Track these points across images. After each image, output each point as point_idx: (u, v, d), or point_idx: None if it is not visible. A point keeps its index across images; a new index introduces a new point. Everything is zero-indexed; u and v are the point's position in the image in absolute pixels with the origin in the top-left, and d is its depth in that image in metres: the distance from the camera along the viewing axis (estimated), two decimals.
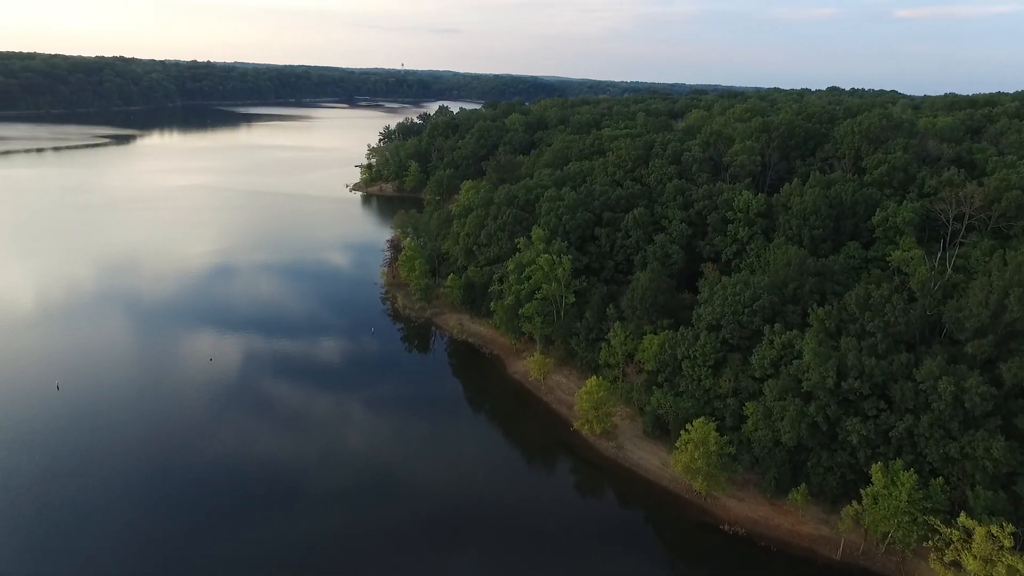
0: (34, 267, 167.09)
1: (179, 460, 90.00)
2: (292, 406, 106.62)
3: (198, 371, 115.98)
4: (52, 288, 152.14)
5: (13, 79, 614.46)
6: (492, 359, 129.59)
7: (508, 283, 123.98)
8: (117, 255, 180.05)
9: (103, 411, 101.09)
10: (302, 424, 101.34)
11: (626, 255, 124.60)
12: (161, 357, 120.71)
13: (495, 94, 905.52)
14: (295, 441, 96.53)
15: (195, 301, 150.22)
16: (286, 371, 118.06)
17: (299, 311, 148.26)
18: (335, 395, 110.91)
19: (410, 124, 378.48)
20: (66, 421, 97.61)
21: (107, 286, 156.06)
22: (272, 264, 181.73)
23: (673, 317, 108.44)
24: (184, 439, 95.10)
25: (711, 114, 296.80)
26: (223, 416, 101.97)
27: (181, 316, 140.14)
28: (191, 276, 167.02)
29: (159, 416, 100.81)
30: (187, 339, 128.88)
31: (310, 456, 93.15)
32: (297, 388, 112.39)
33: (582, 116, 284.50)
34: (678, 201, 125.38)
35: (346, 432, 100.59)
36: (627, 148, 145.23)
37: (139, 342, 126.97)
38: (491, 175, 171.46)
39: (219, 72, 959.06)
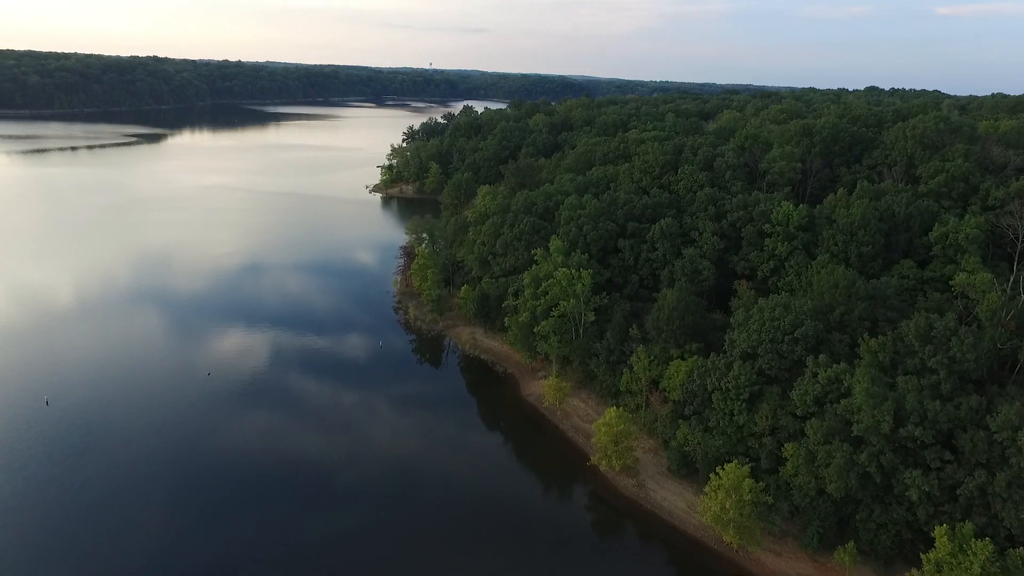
0: (61, 265, 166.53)
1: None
2: (284, 430, 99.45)
3: (195, 382, 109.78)
4: (82, 285, 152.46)
5: (49, 78, 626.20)
6: (505, 379, 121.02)
7: (523, 298, 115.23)
8: (132, 257, 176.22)
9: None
10: (301, 442, 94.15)
11: (651, 270, 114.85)
12: (161, 363, 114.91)
13: (522, 93, 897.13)
14: (292, 465, 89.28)
15: (195, 307, 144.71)
16: (281, 390, 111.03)
17: (304, 321, 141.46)
18: (328, 417, 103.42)
19: (433, 124, 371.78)
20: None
21: (116, 288, 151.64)
22: (281, 269, 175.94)
23: (703, 341, 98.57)
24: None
25: (744, 115, 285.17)
26: (209, 424, 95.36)
27: (177, 323, 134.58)
28: (194, 280, 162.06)
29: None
30: (181, 350, 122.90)
31: (303, 487, 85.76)
32: (289, 409, 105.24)
33: (608, 117, 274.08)
34: (709, 211, 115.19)
35: (339, 455, 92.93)
36: (654, 153, 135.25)
37: (144, 346, 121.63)
38: (509, 180, 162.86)
39: (248, 71, 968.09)
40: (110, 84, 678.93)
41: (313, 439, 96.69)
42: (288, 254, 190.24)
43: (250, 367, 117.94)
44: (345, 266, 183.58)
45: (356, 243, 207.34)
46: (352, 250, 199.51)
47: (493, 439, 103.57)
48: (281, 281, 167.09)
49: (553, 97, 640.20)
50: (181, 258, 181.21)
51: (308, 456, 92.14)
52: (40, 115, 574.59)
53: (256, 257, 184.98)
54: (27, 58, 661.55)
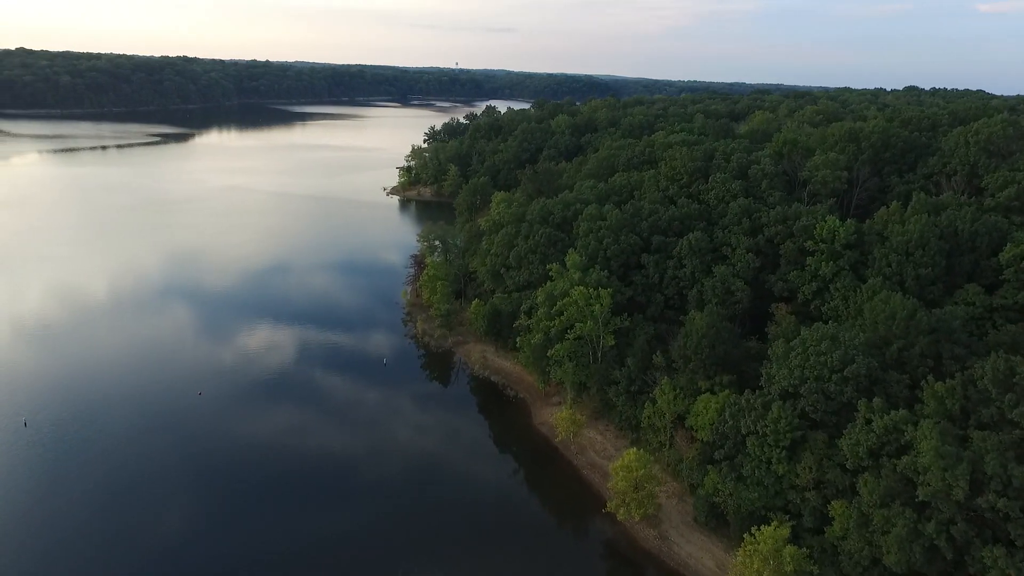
0: (79, 266, 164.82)
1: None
2: (272, 458, 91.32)
3: (189, 401, 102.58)
4: (96, 285, 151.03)
5: (80, 78, 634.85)
6: (516, 404, 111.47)
7: (536, 317, 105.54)
8: (139, 259, 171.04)
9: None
10: (284, 468, 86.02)
11: (678, 288, 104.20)
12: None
13: (548, 93, 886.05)
14: (281, 501, 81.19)
15: (188, 314, 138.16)
16: (270, 413, 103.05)
17: (308, 331, 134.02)
18: (317, 439, 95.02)
19: (455, 124, 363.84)
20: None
21: (121, 292, 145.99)
22: (287, 275, 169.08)
23: (735, 372, 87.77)
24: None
25: (777, 116, 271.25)
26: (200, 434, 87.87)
27: (183, 325, 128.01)
28: (197, 285, 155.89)
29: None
30: (174, 364, 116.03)
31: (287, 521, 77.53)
32: (278, 427, 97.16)
33: (634, 118, 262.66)
34: (744, 225, 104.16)
35: (324, 495, 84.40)
36: (683, 159, 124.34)
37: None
38: (526, 186, 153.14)
39: (275, 71, 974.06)
40: (139, 84, 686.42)
41: (297, 465, 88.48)
42: (296, 259, 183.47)
43: (243, 380, 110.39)
44: (354, 274, 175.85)
45: (368, 249, 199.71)
46: (363, 257, 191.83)
47: (499, 473, 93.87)
48: (286, 288, 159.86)
49: (579, 97, 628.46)
50: (189, 262, 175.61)
51: (292, 482, 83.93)
52: (71, 114, 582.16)
53: (263, 262, 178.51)
54: (60, 59, 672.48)
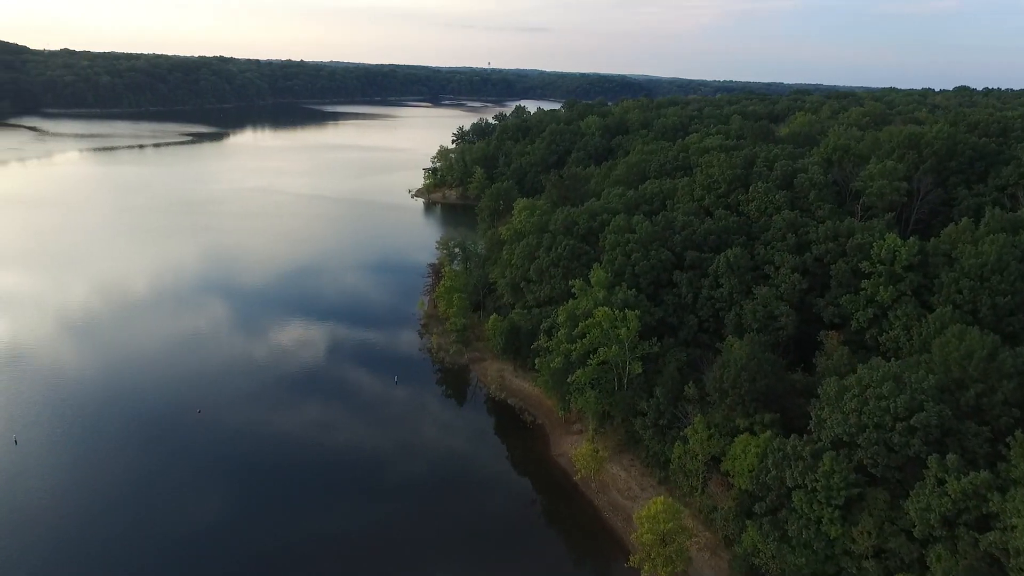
0: (114, 264, 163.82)
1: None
2: (264, 484, 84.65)
3: (188, 419, 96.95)
4: (107, 286, 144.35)
5: (119, 78, 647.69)
6: (534, 431, 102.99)
7: (556, 339, 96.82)
8: (150, 263, 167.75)
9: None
10: (283, 489, 79.31)
11: (714, 310, 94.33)
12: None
13: (579, 93, 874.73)
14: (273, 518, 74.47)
15: (191, 322, 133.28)
16: (266, 434, 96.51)
17: (313, 345, 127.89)
18: (311, 475, 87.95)
19: (484, 125, 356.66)
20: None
21: (133, 294, 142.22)
22: (299, 283, 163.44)
23: (778, 409, 77.84)
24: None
25: (819, 118, 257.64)
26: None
27: (188, 334, 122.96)
28: (205, 289, 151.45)
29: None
30: (169, 380, 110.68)
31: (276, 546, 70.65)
32: (267, 453, 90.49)
33: (668, 119, 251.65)
34: (789, 241, 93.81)
35: (313, 537, 77.28)
36: (720, 165, 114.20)
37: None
38: (551, 192, 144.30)
39: (309, 71, 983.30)
40: (175, 83, 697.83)
41: (298, 490, 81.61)
42: (311, 264, 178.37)
43: (240, 393, 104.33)
44: (370, 281, 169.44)
45: (387, 255, 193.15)
46: (381, 263, 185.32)
47: (511, 509, 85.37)
48: (296, 296, 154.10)
49: (611, 97, 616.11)
50: (206, 265, 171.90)
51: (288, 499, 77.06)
52: (109, 113, 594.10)
53: (276, 267, 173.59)
54: (100, 59, 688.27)
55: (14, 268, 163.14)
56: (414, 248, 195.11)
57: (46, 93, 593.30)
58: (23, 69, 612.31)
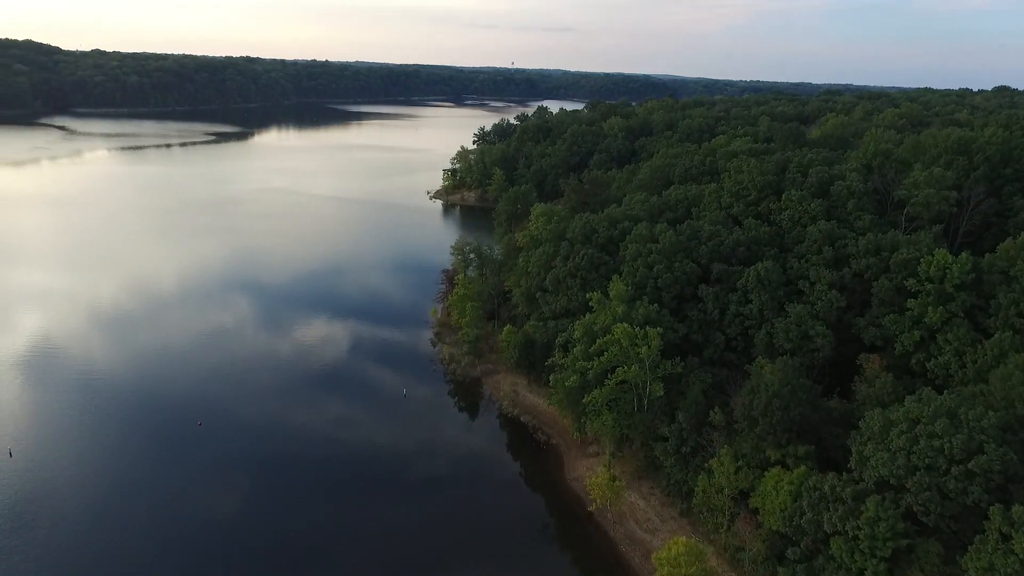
0: (134, 264, 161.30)
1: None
2: (256, 508, 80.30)
3: (188, 433, 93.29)
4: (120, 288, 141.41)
5: (147, 78, 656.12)
6: (547, 451, 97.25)
7: (572, 355, 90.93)
8: (160, 266, 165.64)
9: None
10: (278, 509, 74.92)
11: (743, 328, 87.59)
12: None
13: (603, 93, 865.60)
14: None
15: (212, 319, 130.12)
16: (262, 452, 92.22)
17: (323, 350, 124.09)
18: (316, 488, 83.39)
19: (505, 125, 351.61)
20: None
21: (129, 301, 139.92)
22: (308, 288, 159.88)
23: (814, 440, 71.17)
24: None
25: (852, 119, 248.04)
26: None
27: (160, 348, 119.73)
28: (218, 289, 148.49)
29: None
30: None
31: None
32: (264, 481, 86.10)
33: (693, 120, 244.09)
34: (825, 254, 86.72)
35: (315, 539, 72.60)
36: (750, 171, 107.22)
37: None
38: (570, 197, 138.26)
39: (333, 71, 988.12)
40: (202, 83, 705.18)
41: (288, 515, 77.11)
42: (321, 268, 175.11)
43: (241, 411, 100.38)
44: (383, 287, 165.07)
45: (402, 259, 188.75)
46: (395, 268, 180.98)
47: (519, 538, 79.70)
48: (305, 302, 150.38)
49: (635, 97, 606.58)
50: (221, 266, 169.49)
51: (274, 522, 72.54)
52: (136, 113, 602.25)
53: (292, 270, 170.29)
54: (129, 59, 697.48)
55: (38, 266, 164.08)
56: (429, 251, 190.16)
57: (76, 93, 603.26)
58: (55, 69, 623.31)
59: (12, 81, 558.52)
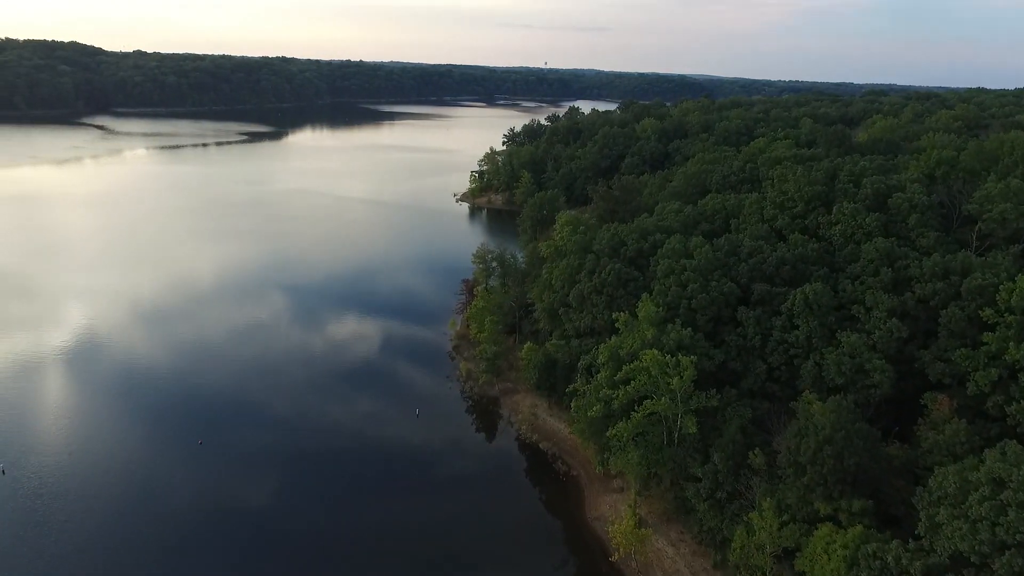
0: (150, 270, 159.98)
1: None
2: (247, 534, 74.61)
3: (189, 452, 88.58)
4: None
5: (184, 79, 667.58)
6: (567, 484, 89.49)
7: (596, 382, 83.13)
8: (172, 270, 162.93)
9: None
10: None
11: (788, 357, 78.55)
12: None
13: (637, 93, 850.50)
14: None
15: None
16: (257, 474, 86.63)
17: (335, 361, 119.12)
18: (311, 512, 77.32)
19: (535, 126, 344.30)
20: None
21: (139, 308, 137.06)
22: (328, 292, 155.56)
23: (871, 492, 62.07)
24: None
25: (901, 122, 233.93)
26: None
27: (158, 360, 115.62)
28: (228, 301, 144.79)
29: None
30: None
31: None
32: (259, 506, 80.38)
33: (731, 122, 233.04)
34: (883, 276, 77.13)
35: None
36: (796, 180, 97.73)
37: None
38: (598, 205, 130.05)
39: (367, 71, 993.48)
40: (237, 83, 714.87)
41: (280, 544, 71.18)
42: (339, 273, 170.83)
43: (237, 439, 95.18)
44: (402, 295, 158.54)
45: (424, 265, 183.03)
46: (416, 274, 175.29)
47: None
48: (317, 309, 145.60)
49: (670, 98, 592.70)
50: (235, 271, 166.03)
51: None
52: (173, 112, 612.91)
53: (304, 279, 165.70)
54: (168, 60, 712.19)
55: (77, 263, 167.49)
56: (453, 256, 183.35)
57: (117, 93, 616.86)
58: (98, 70, 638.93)
59: (57, 82, 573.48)
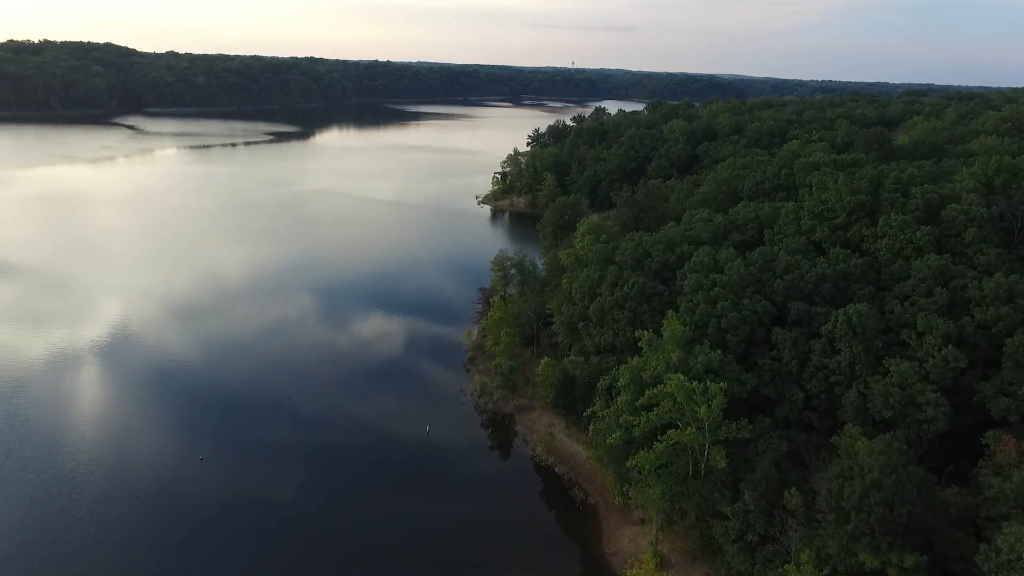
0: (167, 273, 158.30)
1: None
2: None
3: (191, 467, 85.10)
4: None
5: (214, 79, 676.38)
6: (584, 513, 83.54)
7: (616, 406, 77.09)
8: (183, 273, 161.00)
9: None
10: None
11: (828, 385, 71.56)
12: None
13: (666, 94, 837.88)
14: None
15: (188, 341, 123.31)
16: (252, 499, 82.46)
17: (344, 371, 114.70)
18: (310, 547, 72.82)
19: (560, 126, 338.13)
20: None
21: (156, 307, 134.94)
22: (341, 298, 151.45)
23: (926, 545, 55.11)
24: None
25: (944, 124, 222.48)
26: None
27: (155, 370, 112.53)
28: (235, 299, 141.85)
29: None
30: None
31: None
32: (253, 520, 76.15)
33: (763, 124, 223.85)
34: (937, 298, 69.70)
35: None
36: (837, 188, 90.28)
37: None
38: (622, 211, 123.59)
39: (394, 71, 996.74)
40: (266, 84, 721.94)
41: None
42: (354, 276, 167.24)
43: (239, 455, 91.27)
44: (417, 301, 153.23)
45: (441, 269, 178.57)
46: (432, 279, 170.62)
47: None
48: (336, 315, 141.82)
49: (699, 98, 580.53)
50: (252, 272, 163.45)
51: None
52: (203, 112, 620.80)
53: (323, 279, 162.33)
54: (199, 60, 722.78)
55: (106, 262, 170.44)
56: (472, 260, 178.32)
57: (148, 93, 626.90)
58: (131, 71, 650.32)
59: (90, 82, 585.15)
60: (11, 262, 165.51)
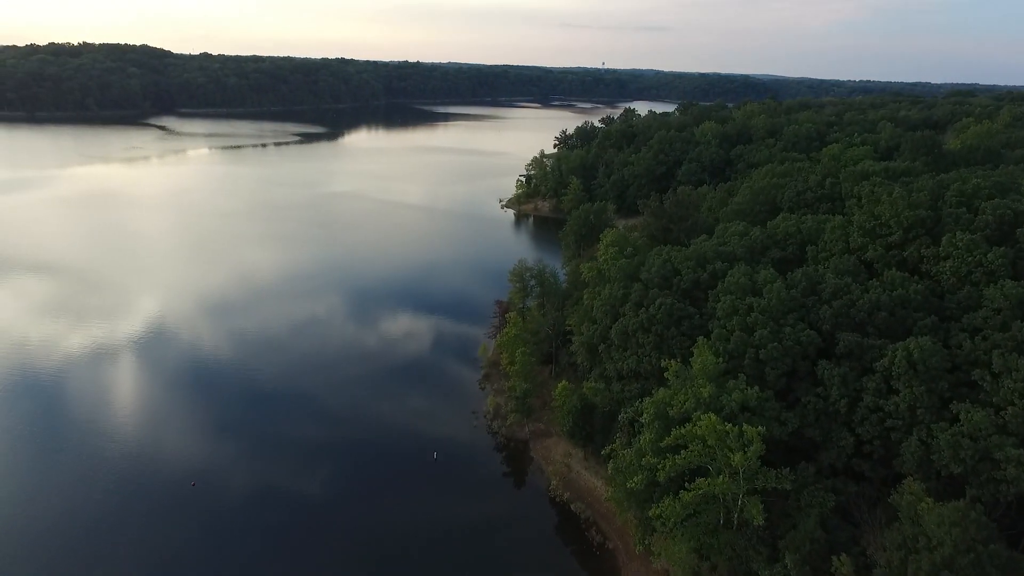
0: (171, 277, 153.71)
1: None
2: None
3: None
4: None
5: (245, 80, 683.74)
6: (601, 558, 75.59)
7: (639, 444, 69.07)
8: (197, 277, 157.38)
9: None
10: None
11: (883, 430, 62.41)
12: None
13: (698, 95, 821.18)
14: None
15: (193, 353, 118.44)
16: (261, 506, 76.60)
17: (347, 391, 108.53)
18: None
19: (589, 128, 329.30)
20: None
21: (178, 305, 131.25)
22: (346, 306, 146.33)
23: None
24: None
25: (997, 126, 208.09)
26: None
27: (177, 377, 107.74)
28: (249, 307, 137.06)
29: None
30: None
31: None
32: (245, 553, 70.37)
33: (800, 126, 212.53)
34: (1016, 333, 60.09)
35: None
36: (892, 202, 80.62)
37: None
38: (649, 222, 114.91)
39: (423, 72, 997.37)
40: (296, 84, 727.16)
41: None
42: (368, 282, 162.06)
43: (232, 478, 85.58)
44: (432, 312, 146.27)
45: (460, 278, 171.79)
46: (449, 288, 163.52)
47: None
48: (346, 326, 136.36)
49: (732, 99, 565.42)
50: (268, 278, 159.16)
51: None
52: (233, 113, 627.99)
53: (334, 289, 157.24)
54: (231, 62, 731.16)
55: (139, 261, 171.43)
56: (492, 269, 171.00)
57: (181, 94, 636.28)
58: (164, 72, 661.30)
59: (125, 84, 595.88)
60: (50, 260, 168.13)
